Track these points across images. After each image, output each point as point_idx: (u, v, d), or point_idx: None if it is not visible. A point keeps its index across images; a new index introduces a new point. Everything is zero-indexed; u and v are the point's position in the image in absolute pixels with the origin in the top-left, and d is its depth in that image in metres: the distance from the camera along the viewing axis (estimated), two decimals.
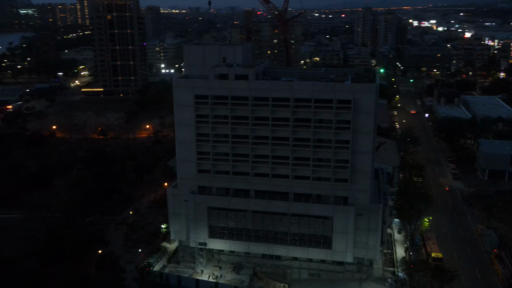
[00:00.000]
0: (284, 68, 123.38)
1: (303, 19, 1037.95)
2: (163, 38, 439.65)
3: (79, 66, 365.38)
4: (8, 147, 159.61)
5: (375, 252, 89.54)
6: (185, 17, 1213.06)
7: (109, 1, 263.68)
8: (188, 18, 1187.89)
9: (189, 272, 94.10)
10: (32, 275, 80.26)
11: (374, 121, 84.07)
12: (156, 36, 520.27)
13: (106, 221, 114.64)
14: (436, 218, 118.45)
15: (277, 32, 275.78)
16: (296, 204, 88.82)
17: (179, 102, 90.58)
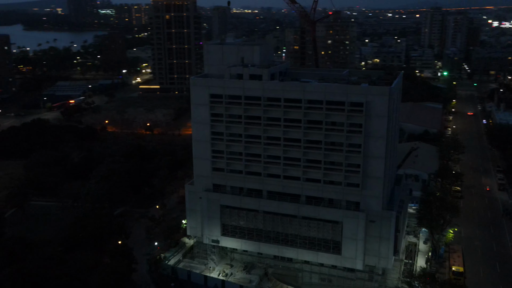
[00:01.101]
0: (305, 69, 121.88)
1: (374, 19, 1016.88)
2: (224, 37, 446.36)
3: (142, 64, 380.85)
4: (59, 139, 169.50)
5: (387, 261, 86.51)
6: (255, 17, 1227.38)
7: (168, 2, 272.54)
8: (258, 18, 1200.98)
9: (201, 268, 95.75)
10: (50, 260, 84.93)
11: (387, 126, 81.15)
12: (222, 36, 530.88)
13: (134, 214, 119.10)
14: (469, 229, 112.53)
15: (331, 32, 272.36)
16: (306, 207, 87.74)
17: (196, 100, 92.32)
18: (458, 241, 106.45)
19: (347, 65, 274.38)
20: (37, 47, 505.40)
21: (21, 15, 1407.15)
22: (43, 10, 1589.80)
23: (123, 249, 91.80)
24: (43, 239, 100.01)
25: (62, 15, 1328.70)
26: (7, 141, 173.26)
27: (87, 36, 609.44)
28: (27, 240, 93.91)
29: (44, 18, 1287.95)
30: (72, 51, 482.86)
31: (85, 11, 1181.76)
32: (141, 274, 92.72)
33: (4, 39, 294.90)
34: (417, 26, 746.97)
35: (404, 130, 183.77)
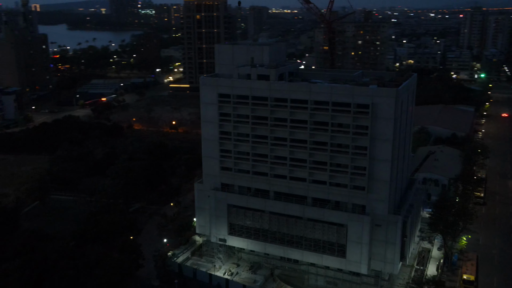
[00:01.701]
0: (317, 70, 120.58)
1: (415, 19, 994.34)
2: (257, 37, 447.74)
3: (175, 63, 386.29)
4: (86, 135, 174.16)
5: (393, 266, 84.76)
6: (294, 17, 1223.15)
7: (199, 2, 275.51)
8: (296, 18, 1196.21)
9: (208, 266, 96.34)
10: (59, 253, 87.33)
11: (394, 128, 79.43)
12: (255, 35, 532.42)
13: (148, 211, 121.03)
14: (487, 237, 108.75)
15: (362, 33, 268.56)
16: (311, 209, 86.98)
17: (205, 99, 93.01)
18: (475, 249, 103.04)
19: (377, 66, 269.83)
20: (77, 46, 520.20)
21: (67, 15, 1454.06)
22: (88, 10, 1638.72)
23: (131, 244, 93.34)
24: (58, 232, 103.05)
25: (105, 15, 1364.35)
26: (37, 137, 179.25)
27: (126, 36, 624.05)
28: (41, 233, 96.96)
29: (88, 18, 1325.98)
30: (110, 50, 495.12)
31: (126, 11, 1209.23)
32: (148, 270, 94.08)
33: (42, 38, 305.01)
34: (459, 26, 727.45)
35: (431, 133, 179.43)
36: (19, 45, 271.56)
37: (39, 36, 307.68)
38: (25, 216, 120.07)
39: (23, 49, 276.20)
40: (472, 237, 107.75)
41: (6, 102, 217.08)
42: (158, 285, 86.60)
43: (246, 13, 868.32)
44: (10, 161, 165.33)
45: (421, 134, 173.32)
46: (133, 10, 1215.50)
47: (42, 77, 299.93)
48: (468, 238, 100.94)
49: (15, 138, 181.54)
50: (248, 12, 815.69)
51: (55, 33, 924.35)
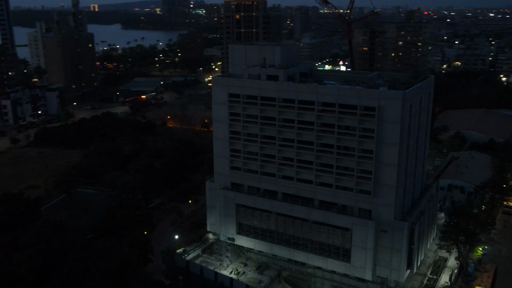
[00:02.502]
0: (332, 71, 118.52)
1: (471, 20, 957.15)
2: (300, 37, 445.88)
3: (217, 62, 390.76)
4: (119, 132, 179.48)
5: (398, 274, 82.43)
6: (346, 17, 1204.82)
7: (238, 2, 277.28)
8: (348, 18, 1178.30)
9: (216, 264, 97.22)
10: (72, 244, 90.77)
11: (401, 132, 77.20)
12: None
13: (168, 207, 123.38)
14: (509, 248, 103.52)
15: (403, 33, 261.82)
16: (317, 211, 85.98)
17: (216, 99, 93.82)
18: (496, 261, 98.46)
19: (418, 67, 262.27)
20: (126, 45, 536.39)
21: (122, 14, 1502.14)
22: (143, 10, 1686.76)
23: (142, 239, 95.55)
24: (75, 225, 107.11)
25: (158, 15, 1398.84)
26: (74, 132, 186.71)
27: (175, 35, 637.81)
28: (60, 224, 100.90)
29: (142, 17, 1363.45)
30: (157, 49, 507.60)
31: (177, 11, 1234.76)
32: (157, 265, 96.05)
33: (89, 37, 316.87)
34: None
35: (467, 138, 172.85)
36: (66, 44, 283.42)
37: (86, 35, 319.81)
38: (52, 208, 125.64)
39: (70, 48, 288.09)
40: (494, 248, 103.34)
41: (49, 98, 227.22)
42: (161, 280, 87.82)
43: (295, 13, 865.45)
44: (46, 154, 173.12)
45: (455, 139, 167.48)
46: (185, 10, 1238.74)
47: (88, 74, 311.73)
48: (484, 248, 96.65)
49: (54, 132, 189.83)
50: (294, 12, 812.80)
51: (109, 32, 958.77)
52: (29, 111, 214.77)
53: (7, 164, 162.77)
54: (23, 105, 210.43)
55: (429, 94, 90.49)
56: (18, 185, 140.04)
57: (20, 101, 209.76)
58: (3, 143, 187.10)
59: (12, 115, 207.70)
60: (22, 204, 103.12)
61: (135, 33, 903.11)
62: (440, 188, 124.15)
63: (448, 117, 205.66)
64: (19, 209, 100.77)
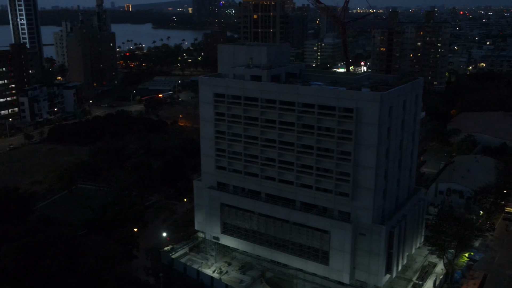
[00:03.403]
0: (321, 72, 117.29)
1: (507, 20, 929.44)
2: (322, 37, 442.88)
3: None
4: (129, 130, 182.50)
5: (377, 278, 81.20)
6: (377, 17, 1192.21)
7: (256, 2, 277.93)
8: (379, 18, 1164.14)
9: (201, 263, 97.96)
10: (60, 239, 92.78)
11: (379, 134, 76.04)
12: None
13: (163, 205, 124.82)
14: (506, 257, 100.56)
15: (422, 34, 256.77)
16: (296, 213, 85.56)
17: (203, 99, 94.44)
18: (486, 268, 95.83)
19: (437, 68, 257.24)
20: (152, 44, 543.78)
21: (155, 14, 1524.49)
22: (176, 9, 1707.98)
23: (128, 235, 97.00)
24: (71, 220, 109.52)
25: (189, 14, 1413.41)
26: (86, 129, 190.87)
27: (197, 35, 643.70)
28: (52, 219, 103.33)
29: (174, 17, 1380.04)
30: (182, 48, 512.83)
31: (207, 10, 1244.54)
32: (143, 262, 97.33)
33: (111, 37, 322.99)
34: None
35: (479, 142, 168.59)
36: (87, 43, 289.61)
37: (107, 34, 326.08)
38: (53, 203, 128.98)
39: (90, 47, 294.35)
40: (488, 255, 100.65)
41: (66, 96, 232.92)
42: (138, 277, 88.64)
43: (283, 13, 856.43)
44: (57, 150, 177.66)
45: (464, 142, 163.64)
46: (215, 9, 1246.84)
47: (109, 73, 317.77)
48: (471, 255, 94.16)
49: (67, 129, 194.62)
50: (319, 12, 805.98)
51: (139, 31, 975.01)
52: (45, 108, 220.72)
53: (19, 159, 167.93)
54: (40, 103, 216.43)
55: (416, 97, 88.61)
56: (25, 179, 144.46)
57: (37, 99, 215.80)
58: (18, 139, 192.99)
59: (29, 112, 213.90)
60: (16, 199, 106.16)
61: (165, 32, 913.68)
62: (439, 192, 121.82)
63: (463, 120, 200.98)
64: (13, 204, 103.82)
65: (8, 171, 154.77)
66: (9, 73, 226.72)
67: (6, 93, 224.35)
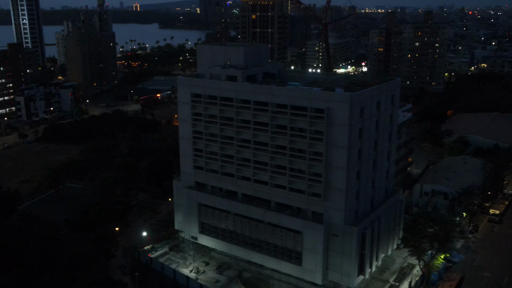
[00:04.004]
0: (300, 72, 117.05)
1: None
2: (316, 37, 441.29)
3: None
4: (122, 129, 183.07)
5: (349, 279, 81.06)
6: (383, 18, 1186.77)
7: (254, 2, 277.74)
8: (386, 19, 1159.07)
9: (180, 263, 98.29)
10: (41, 238, 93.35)
11: (350, 135, 75.90)
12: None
13: (151, 204, 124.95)
14: (486, 258, 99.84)
15: (420, 34, 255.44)
16: (270, 213, 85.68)
17: (181, 99, 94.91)
18: (465, 270, 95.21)
19: (435, 69, 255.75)
20: (155, 44, 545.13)
21: (163, 14, 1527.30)
22: (184, 9, 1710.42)
23: (107, 234, 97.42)
24: (55, 219, 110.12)
25: (196, 14, 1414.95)
26: (80, 128, 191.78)
27: (200, 35, 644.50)
28: (34, 218, 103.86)
29: (181, 17, 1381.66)
30: (186, 48, 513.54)
31: (213, 10, 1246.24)
32: (117, 259, 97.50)
33: (110, 36, 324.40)
34: None
35: (472, 142, 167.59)
36: (85, 43, 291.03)
37: (107, 34, 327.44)
38: (40, 202, 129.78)
39: (89, 47, 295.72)
40: (469, 256, 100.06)
41: (63, 95, 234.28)
42: (109, 275, 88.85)
43: (281, 13, 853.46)
44: (50, 149, 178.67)
45: (456, 143, 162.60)
46: (221, 9, 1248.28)
47: (109, 72, 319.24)
48: (447, 256, 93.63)
49: (61, 129, 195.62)
50: None
51: (145, 31, 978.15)
52: (42, 108, 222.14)
53: (11, 158, 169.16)
54: (36, 102, 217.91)
55: (392, 97, 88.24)
56: (14, 178, 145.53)
57: (33, 98, 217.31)
58: (13, 138, 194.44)
59: (25, 111, 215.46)
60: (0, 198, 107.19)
61: (170, 32, 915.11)
62: (424, 194, 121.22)
63: (458, 121, 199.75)
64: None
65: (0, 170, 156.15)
66: (6, 72, 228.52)
67: (3, 92, 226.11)
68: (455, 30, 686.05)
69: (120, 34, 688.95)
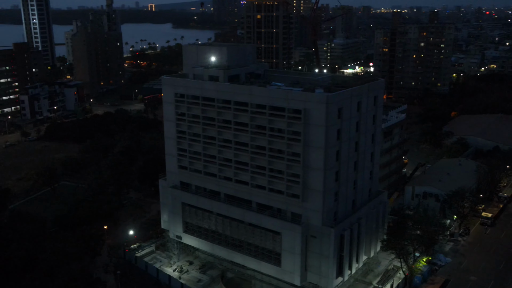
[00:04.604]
0: (285, 72, 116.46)
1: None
2: (332, 38, 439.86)
3: None
4: (123, 128, 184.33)
5: (327, 281, 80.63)
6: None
7: (259, 2, 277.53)
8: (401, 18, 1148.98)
9: (165, 261, 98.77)
10: (27, 235, 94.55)
11: (326, 136, 75.48)
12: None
13: (140, 203, 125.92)
14: (474, 262, 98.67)
15: (425, 34, 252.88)
16: (250, 213, 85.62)
17: (165, 98, 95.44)
18: (451, 273, 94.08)
19: (441, 69, 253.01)
20: (165, 43, 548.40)
21: (177, 14, 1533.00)
22: (199, 9, 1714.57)
23: (92, 232, 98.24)
24: (46, 216, 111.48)
25: (210, 14, 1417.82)
26: (82, 127, 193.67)
27: (210, 34, 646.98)
28: (25, 216, 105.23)
29: (195, 17, 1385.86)
30: None
31: (227, 10, 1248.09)
32: (102, 257, 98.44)
33: (117, 36, 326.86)
34: None
35: (472, 144, 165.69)
36: (91, 42, 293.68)
37: (114, 34, 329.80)
38: (35, 200, 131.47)
39: (96, 46, 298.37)
40: (456, 260, 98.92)
41: (67, 95, 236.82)
42: (89, 273, 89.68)
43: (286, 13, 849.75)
44: (51, 148, 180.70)
45: (454, 145, 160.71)
46: (234, 9, 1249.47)
47: (116, 72, 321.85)
48: (429, 259, 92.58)
49: (63, 127, 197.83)
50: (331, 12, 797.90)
51: (158, 31, 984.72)
52: (46, 106, 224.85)
53: (11, 156, 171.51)
54: (41, 101, 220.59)
55: (375, 98, 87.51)
56: (12, 176, 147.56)
57: (37, 97, 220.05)
58: (15, 137, 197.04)
59: (29, 109, 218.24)
60: None
61: (183, 32, 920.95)
62: (415, 196, 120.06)
63: (460, 122, 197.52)
64: None
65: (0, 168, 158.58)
66: (12, 71, 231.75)
67: (9, 91, 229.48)
68: (469, 30, 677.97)
69: (133, 33, 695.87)
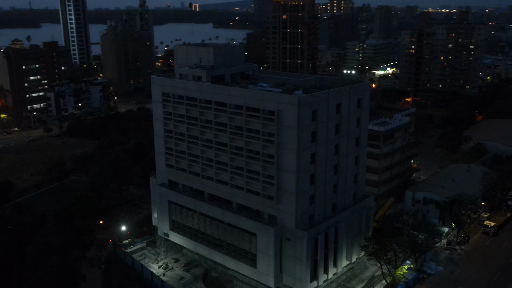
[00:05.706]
0: (275, 73, 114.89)
1: None
2: (364, 38, 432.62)
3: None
4: (139, 125, 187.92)
5: (301, 284, 79.85)
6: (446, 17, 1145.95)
7: (285, 2, 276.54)
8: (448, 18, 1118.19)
9: (153, 258, 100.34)
10: (21, 227, 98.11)
11: (298, 138, 74.73)
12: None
13: (138, 199, 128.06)
14: (467, 272, 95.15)
15: (454, 35, 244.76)
16: (228, 213, 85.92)
17: (154, 98, 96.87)
18: (440, 282, 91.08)
19: (469, 71, 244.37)
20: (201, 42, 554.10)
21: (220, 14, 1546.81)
22: (242, 9, 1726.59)
23: (85, 227, 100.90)
24: (49, 210, 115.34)
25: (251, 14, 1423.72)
26: (101, 124, 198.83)
27: (240, 34, 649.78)
28: (26, 209, 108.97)
29: (237, 17, 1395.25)
30: None
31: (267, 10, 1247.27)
32: (91, 252, 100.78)
33: (147, 36, 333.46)
34: None
35: (489, 150, 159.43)
36: (120, 41, 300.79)
37: (145, 34, 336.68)
38: (44, 194, 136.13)
39: (126, 45, 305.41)
40: (448, 269, 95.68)
41: (93, 92, 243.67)
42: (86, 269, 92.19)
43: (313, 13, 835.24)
44: (70, 143, 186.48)
45: (470, 150, 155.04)
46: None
47: (146, 71, 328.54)
48: (410, 267, 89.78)
49: (85, 124, 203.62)
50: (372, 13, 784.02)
51: (198, 31, 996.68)
52: (71, 104, 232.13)
53: (32, 151, 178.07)
54: (66, 98, 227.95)
55: (359, 100, 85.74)
56: (27, 170, 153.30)
57: (63, 94, 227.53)
58: (39, 132, 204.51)
59: (55, 106, 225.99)
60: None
61: (223, 31, 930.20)
62: (416, 201, 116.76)
63: (483, 127, 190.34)
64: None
65: (18, 161, 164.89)
66: (42, 69, 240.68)
67: (38, 88, 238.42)
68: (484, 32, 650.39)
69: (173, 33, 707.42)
